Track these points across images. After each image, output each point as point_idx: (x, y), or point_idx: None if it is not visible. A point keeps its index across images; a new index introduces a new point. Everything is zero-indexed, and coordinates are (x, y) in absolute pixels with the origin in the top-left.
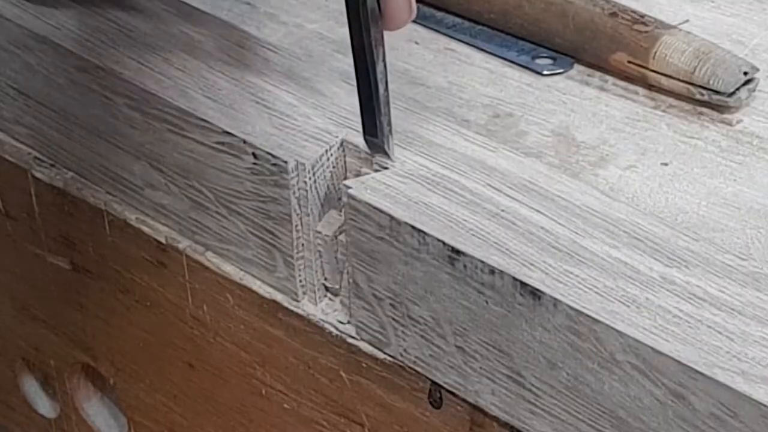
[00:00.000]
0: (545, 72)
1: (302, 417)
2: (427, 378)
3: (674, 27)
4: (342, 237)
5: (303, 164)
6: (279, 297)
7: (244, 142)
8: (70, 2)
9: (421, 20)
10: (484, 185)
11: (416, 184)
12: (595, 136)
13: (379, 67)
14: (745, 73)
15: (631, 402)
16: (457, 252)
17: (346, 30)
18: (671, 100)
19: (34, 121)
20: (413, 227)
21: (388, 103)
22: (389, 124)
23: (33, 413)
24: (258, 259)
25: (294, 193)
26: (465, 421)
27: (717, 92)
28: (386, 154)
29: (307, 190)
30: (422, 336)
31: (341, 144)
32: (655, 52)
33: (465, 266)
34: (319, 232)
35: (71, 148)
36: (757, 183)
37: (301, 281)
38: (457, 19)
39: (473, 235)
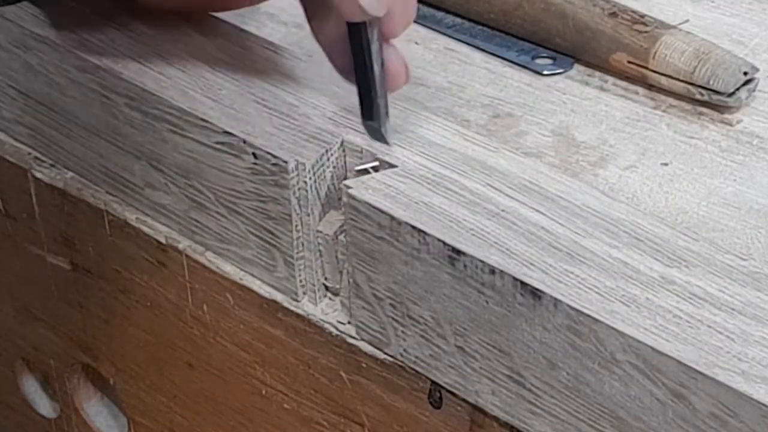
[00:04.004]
0: (545, 72)
1: (302, 417)
2: (427, 378)
3: (674, 27)
4: (342, 237)
5: (303, 164)
6: (279, 297)
7: (245, 142)
8: (70, 2)
9: (421, 20)
10: (485, 185)
11: (416, 184)
12: (595, 136)
13: (374, 47)
14: (745, 73)
15: (632, 402)
16: (458, 252)
17: None
18: (671, 100)
19: (34, 121)
20: (413, 227)
21: (384, 85)
22: (386, 107)
23: (33, 413)
24: (258, 259)
25: (294, 193)
26: (465, 421)
27: (717, 92)
28: (384, 139)
29: (307, 190)
30: (422, 336)
31: (341, 144)
32: (655, 52)
33: (465, 266)
34: (320, 232)
35: (71, 148)
36: (757, 183)
37: (301, 281)
38: (457, 19)
39: (473, 235)
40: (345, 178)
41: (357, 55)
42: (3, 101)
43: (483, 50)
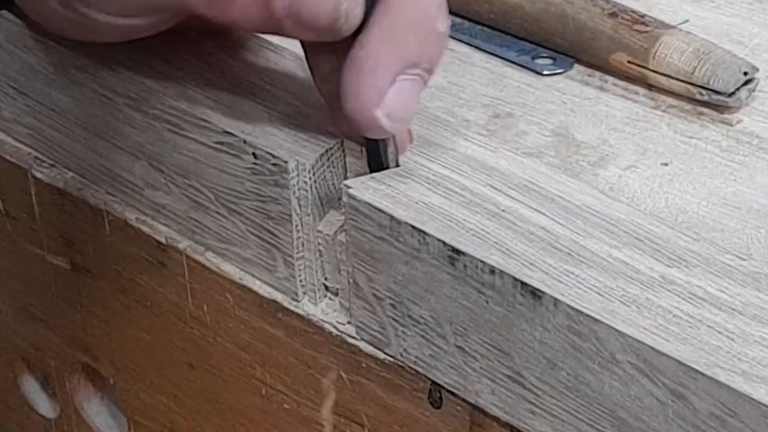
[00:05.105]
0: (545, 72)
1: (302, 417)
2: (427, 378)
3: (674, 27)
4: (342, 237)
5: (303, 164)
6: (279, 297)
7: (245, 142)
8: None
9: None
10: (485, 185)
11: (416, 184)
12: (595, 136)
13: (390, 148)
14: (745, 73)
15: (632, 402)
16: (458, 252)
17: None
18: (671, 100)
19: (34, 121)
20: (413, 227)
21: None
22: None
23: (33, 413)
24: (258, 259)
25: (294, 193)
26: (465, 421)
27: (717, 92)
28: None
29: (307, 190)
30: (422, 336)
31: (341, 144)
32: (655, 52)
33: (465, 266)
34: (320, 232)
35: (71, 148)
36: (757, 183)
37: (301, 281)
38: (457, 19)
39: (473, 235)
40: (345, 178)
41: (372, 153)
42: (3, 101)
43: (483, 50)
